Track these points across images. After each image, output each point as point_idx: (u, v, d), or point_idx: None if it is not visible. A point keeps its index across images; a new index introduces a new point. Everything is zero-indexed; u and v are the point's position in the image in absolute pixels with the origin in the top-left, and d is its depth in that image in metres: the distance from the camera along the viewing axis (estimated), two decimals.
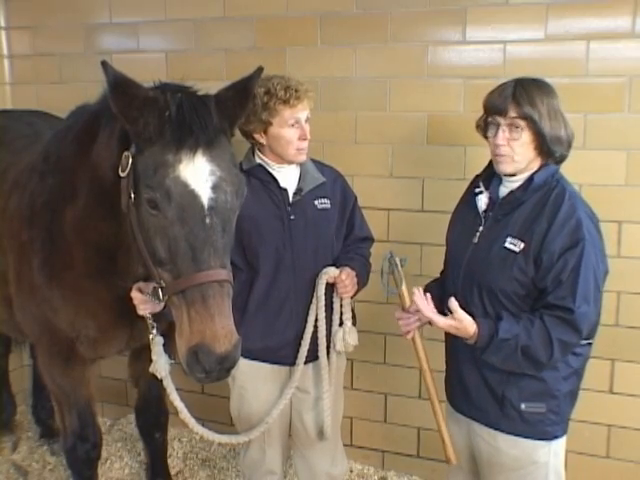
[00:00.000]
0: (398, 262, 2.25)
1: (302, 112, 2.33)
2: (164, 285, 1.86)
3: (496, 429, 2.09)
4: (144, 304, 2.17)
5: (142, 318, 2.23)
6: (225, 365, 1.78)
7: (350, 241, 2.55)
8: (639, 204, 2.80)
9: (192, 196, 1.77)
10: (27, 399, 4.18)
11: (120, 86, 1.79)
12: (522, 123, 1.97)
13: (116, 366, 3.63)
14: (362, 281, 2.49)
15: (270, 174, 2.39)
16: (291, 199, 2.40)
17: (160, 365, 2.25)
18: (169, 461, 3.30)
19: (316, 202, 2.44)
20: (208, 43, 3.33)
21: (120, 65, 1.95)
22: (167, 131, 1.78)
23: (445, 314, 2.05)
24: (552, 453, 2.09)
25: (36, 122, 3.19)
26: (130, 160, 1.84)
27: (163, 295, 1.86)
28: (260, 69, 2.03)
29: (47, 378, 2.63)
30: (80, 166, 2.20)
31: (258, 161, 2.42)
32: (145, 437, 3.07)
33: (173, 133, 1.78)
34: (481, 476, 2.25)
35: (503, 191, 2.11)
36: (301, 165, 2.45)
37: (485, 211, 2.12)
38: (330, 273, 2.36)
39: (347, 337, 2.43)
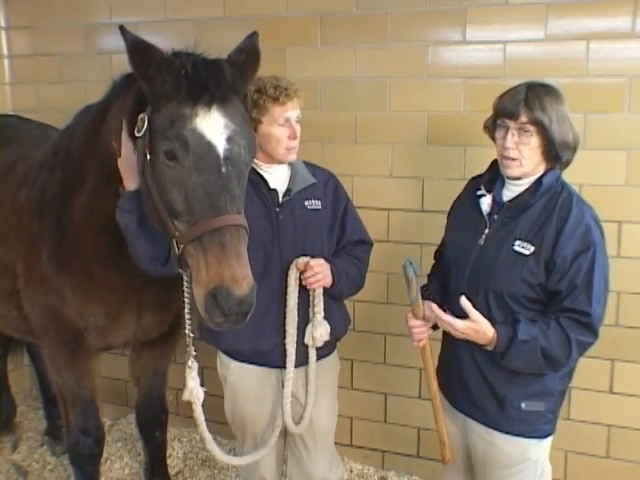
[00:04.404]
0: (414, 270, 2.20)
1: (292, 111, 2.31)
2: (179, 235, 1.89)
3: (494, 428, 2.12)
4: None
5: (150, 309, 2.22)
6: (243, 308, 1.79)
7: (343, 244, 2.52)
8: (639, 204, 2.80)
9: (209, 146, 1.84)
10: (27, 399, 4.19)
11: (138, 47, 1.89)
12: (532, 128, 2.00)
13: (116, 366, 3.64)
14: (354, 282, 2.48)
15: (259, 174, 2.38)
16: (281, 199, 2.39)
17: (197, 389, 2.23)
18: (169, 461, 3.31)
19: (306, 203, 2.42)
20: (208, 43, 3.29)
21: (121, 65, 1.95)
22: (183, 88, 1.86)
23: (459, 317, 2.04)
24: (542, 450, 2.15)
25: (45, 127, 3.26)
26: (146, 121, 1.91)
27: (178, 245, 1.90)
28: (254, 33, 2.12)
29: (52, 370, 2.66)
30: (89, 154, 2.28)
31: None
32: (145, 435, 3.07)
33: (189, 89, 1.86)
34: (475, 473, 2.28)
35: (507, 194, 2.13)
36: (291, 166, 2.43)
37: (489, 214, 2.14)
38: (300, 260, 2.33)
39: (314, 331, 2.36)
